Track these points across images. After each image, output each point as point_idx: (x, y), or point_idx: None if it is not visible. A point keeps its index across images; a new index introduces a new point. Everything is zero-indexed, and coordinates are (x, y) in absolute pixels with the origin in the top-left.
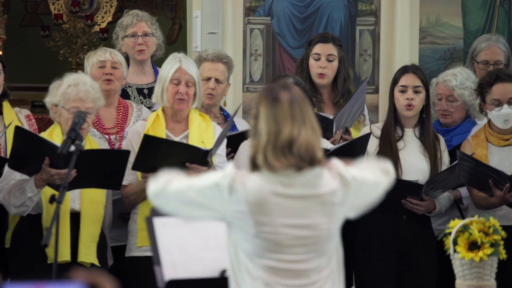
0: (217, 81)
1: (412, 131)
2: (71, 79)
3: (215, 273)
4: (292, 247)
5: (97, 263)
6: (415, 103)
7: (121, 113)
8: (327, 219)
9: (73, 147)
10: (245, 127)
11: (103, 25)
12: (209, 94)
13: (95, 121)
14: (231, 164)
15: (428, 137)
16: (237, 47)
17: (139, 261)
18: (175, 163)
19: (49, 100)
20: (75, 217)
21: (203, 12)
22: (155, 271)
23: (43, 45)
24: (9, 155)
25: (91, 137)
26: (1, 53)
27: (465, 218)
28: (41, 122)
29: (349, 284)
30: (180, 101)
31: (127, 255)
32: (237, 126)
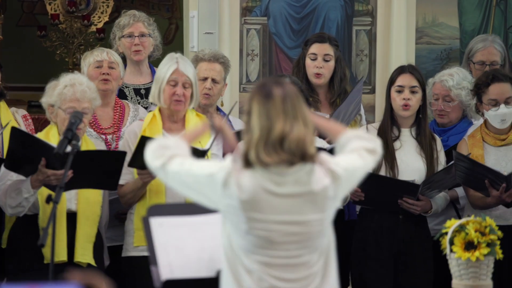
0: (214, 81)
1: (408, 131)
2: (68, 79)
3: (211, 273)
4: (284, 244)
5: (93, 263)
6: (412, 103)
7: (117, 113)
8: (319, 215)
9: (69, 147)
10: (241, 126)
11: (100, 25)
12: (206, 94)
13: (91, 121)
14: (229, 157)
15: (424, 137)
16: (233, 47)
17: (135, 261)
18: None
19: (45, 100)
20: (72, 217)
21: (200, 12)
22: (151, 271)
23: (39, 45)
24: (5, 155)
25: (87, 137)
26: None
27: (461, 218)
28: (38, 122)
29: (346, 284)
30: (177, 103)
31: (124, 255)
32: (233, 125)
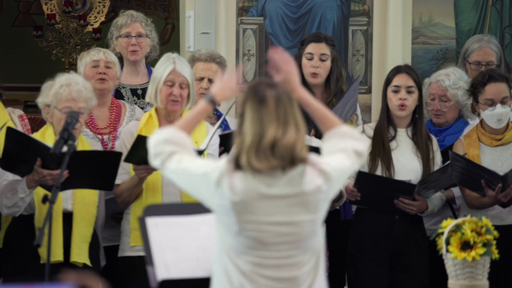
0: (210, 81)
1: (404, 131)
2: (63, 79)
3: (207, 273)
4: (276, 245)
5: (89, 263)
6: (408, 103)
7: (114, 113)
8: (311, 215)
9: (65, 147)
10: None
11: (96, 25)
12: (202, 94)
13: (88, 121)
14: (225, 158)
15: (420, 137)
16: (230, 47)
17: (132, 261)
18: None
19: (41, 100)
20: (68, 217)
21: (196, 12)
22: (148, 271)
23: (35, 45)
24: (1, 155)
25: (83, 137)
26: None
27: (457, 218)
28: (34, 122)
29: (342, 284)
30: (173, 103)
31: (120, 255)
32: (230, 125)
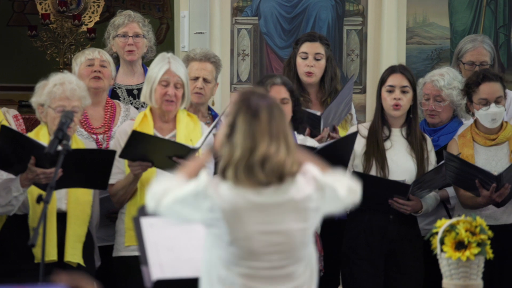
0: (205, 80)
1: (399, 131)
2: (57, 78)
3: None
4: (267, 255)
5: (82, 263)
6: (403, 103)
7: (108, 113)
8: (302, 224)
9: (60, 147)
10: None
11: (91, 25)
12: (197, 93)
13: (82, 121)
14: (204, 172)
15: (415, 137)
16: (224, 47)
17: (126, 261)
18: (162, 157)
19: (35, 100)
20: (62, 217)
21: (191, 12)
22: (142, 271)
23: (30, 45)
24: None
25: (77, 137)
26: None
27: (452, 217)
28: (29, 122)
29: (336, 284)
30: (168, 103)
31: (115, 255)
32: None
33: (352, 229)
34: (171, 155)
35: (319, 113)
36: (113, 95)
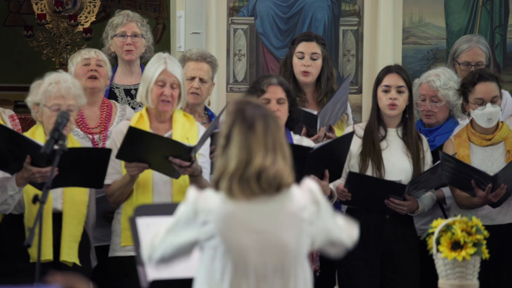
0: (202, 80)
1: (395, 131)
2: (52, 77)
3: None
4: (260, 268)
5: (78, 262)
6: (399, 103)
7: (104, 112)
8: (295, 235)
9: (56, 147)
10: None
11: (87, 25)
12: (194, 93)
13: (79, 121)
14: (192, 189)
15: (411, 137)
16: (220, 47)
17: (122, 261)
18: (159, 156)
19: (30, 99)
20: (57, 217)
21: (187, 12)
22: (138, 271)
23: (26, 45)
24: None
25: (73, 137)
26: None
27: (448, 217)
28: (25, 122)
29: (332, 284)
30: (164, 103)
31: (111, 255)
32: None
33: None
34: (168, 154)
35: (315, 113)
36: (111, 95)
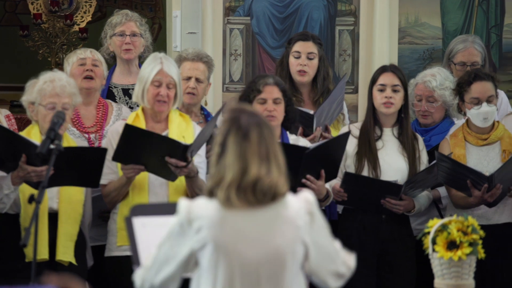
0: (198, 80)
1: (390, 131)
2: (47, 76)
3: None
4: (254, 275)
5: (74, 262)
6: (394, 101)
7: (100, 112)
8: (289, 241)
9: (52, 147)
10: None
11: (83, 25)
12: (190, 93)
13: (74, 120)
14: (182, 199)
15: (406, 137)
16: (216, 47)
17: (118, 261)
18: (155, 157)
19: (25, 98)
20: (53, 216)
21: (183, 12)
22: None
23: (22, 44)
24: None
25: (69, 136)
26: None
27: (443, 217)
28: (21, 122)
29: None
30: (160, 103)
31: (107, 254)
32: (219, 124)
33: (344, 229)
34: (164, 154)
35: (312, 112)
36: (109, 94)
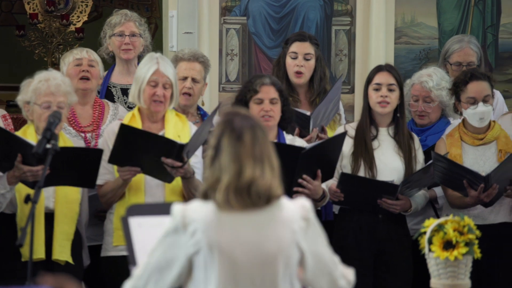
0: (194, 80)
1: (386, 130)
2: (42, 75)
3: None
4: (248, 279)
5: (71, 261)
6: (390, 100)
7: (97, 111)
8: (284, 244)
9: (48, 146)
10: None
11: (79, 25)
12: (186, 93)
13: (71, 119)
14: (176, 204)
15: (402, 136)
16: (213, 47)
17: (115, 261)
18: (151, 157)
19: (21, 98)
20: (49, 216)
21: (179, 11)
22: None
23: (18, 44)
24: None
25: (65, 136)
26: None
27: (440, 217)
28: (17, 122)
29: None
30: (157, 103)
31: (103, 254)
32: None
33: (341, 229)
34: (160, 154)
35: (308, 113)
36: (108, 94)
